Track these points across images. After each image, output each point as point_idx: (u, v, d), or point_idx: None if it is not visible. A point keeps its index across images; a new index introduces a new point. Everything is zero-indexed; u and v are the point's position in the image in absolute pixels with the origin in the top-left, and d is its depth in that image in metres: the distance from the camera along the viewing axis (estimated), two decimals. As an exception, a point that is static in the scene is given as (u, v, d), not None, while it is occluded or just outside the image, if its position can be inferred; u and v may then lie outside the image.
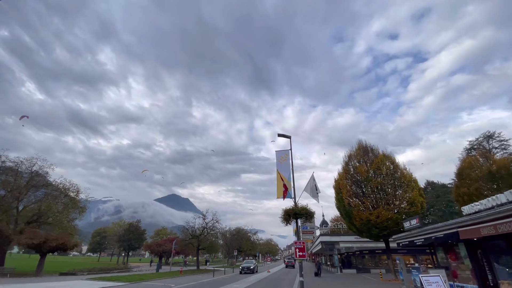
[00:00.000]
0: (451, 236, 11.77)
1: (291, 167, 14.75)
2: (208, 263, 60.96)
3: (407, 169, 25.26)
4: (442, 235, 12.56)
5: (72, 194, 32.75)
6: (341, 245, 36.30)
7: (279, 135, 15.97)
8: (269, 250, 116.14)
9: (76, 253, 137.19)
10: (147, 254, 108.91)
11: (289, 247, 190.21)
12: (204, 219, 43.52)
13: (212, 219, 43.96)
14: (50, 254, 29.55)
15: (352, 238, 34.32)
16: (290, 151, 15.34)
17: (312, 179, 14.85)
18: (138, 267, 43.32)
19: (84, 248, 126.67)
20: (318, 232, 64.79)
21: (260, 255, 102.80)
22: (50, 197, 30.48)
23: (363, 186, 25.58)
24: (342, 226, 41.11)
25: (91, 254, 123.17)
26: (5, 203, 27.38)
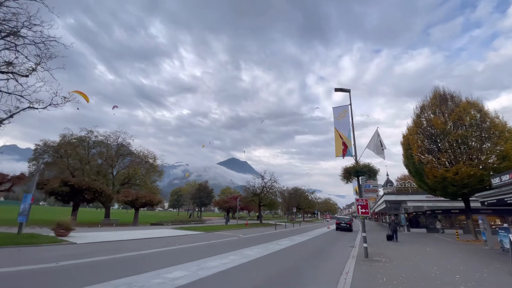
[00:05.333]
0: None
1: (351, 124, 13.66)
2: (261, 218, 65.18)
3: (500, 117, 20.88)
4: (549, 193, 10.34)
5: (150, 161, 38.23)
6: (409, 204, 34.07)
7: (336, 90, 14.63)
8: (327, 208, 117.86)
9: (160, 209, 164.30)
10: (216, 210, 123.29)
11: (348, 206, 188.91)
12: (262, 179, 45.97)
13: (270, 179, 46.08)
14: (141, 209, 35.97)
15: (422, 197, 31.73)
16: (349, 106, 14.07)
17: (377, 134, 13.56)
18: (210, 220, 49.61)
19: (166, 205, 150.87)
20: (381, 192, 61.83)
21: (318, 212, 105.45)
22: (134, 164, 36.26)
23: (438, 140, 22.43)
24: (410, 185, 38.12)
25: (172, 209, 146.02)
26: (103, 170, 33.85)
